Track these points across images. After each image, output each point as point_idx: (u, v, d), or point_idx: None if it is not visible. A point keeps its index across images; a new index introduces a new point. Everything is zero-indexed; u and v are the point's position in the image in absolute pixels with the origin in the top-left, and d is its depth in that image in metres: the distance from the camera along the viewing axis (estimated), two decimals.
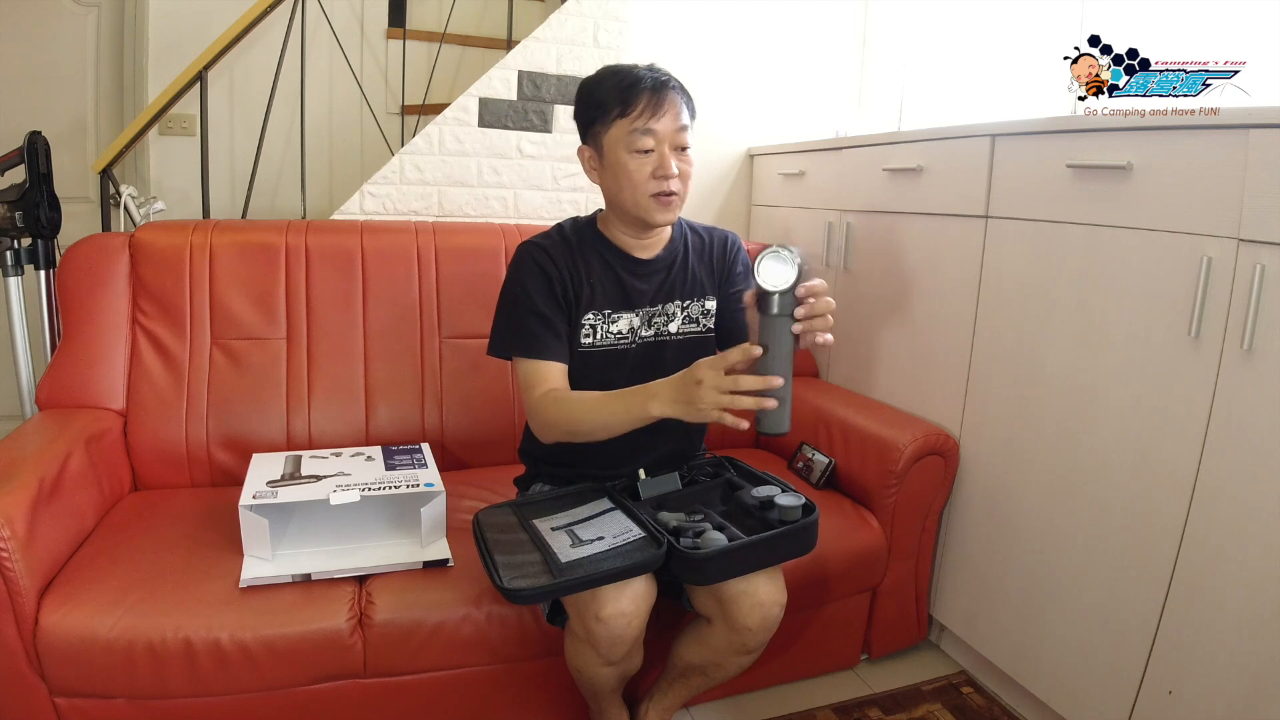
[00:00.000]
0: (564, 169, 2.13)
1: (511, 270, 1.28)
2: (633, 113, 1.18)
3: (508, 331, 1.26)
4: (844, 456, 1.68)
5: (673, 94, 1.20)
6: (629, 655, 1.16)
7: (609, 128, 1.20)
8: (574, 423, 1.16)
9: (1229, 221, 1.09)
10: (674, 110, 1.20)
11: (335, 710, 1.25)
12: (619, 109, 1.19)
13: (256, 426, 1.60)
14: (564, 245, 1.28)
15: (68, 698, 1.15)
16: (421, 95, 2.42)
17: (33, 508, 1.14)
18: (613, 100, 1.19)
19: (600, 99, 1.21)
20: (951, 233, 1.62)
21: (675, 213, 1.24)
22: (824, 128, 2.43)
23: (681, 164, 1.22)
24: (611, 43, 2.11)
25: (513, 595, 1.07)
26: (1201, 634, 1.16)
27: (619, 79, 1.20)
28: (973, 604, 1.62)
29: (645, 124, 1.18)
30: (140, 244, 1.62)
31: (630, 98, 1.18)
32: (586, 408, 1.15)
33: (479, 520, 1.24)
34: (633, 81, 1.19)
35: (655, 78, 1.20)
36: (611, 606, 1.08)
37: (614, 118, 1.19)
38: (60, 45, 2.22)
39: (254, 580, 1.20)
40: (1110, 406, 1.29)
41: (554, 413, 1.18)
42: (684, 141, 1.22)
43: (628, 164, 1.20)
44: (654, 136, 1.19)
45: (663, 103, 1.19)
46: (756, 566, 1.15)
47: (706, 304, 1.35)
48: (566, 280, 1.25)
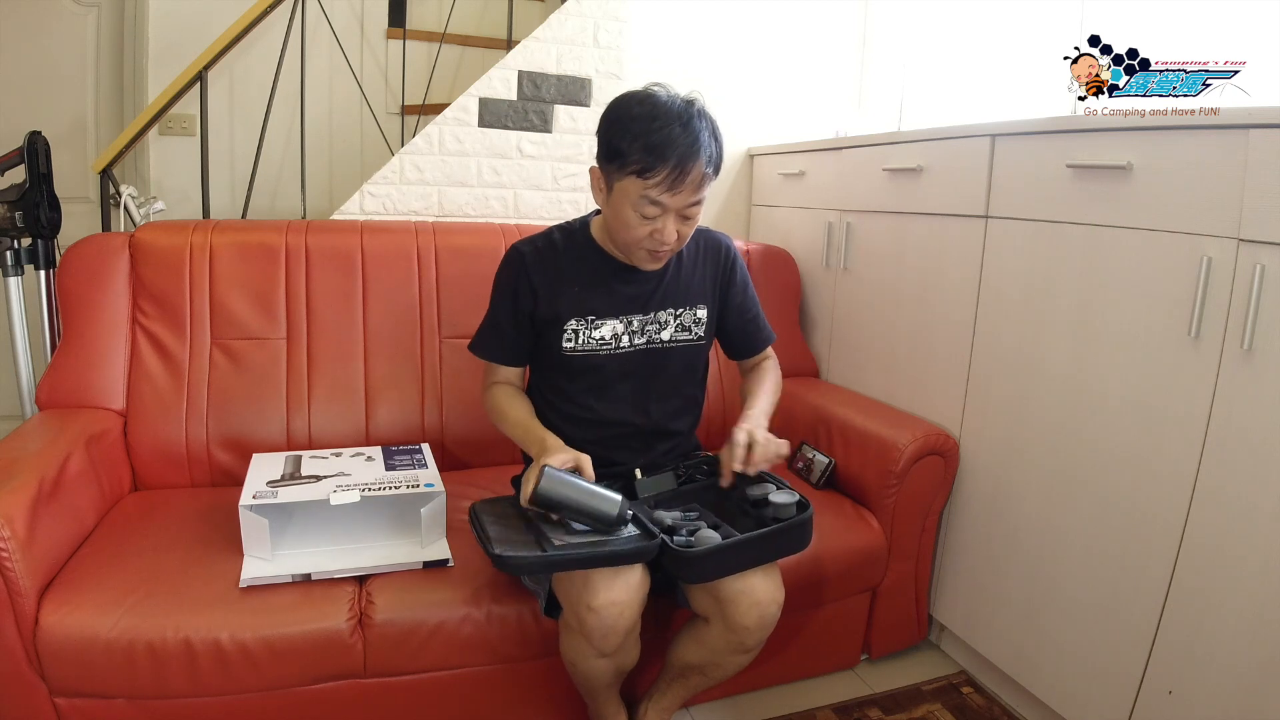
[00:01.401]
0: (564, 169, 2.13)
1: (499, 277, 1.33)
2: (650, 180, 1.13)
3: (480, 329, 1.36)
4: (844, 456, 1.68)
5: (698, 165, 1.13)
6: (622, 647, 1.15)
7: (623, 178, 1.15)
8: (501, 423, 1.32)
9: (1229, 221, 1.09)
10: (694, 185, 1.14)
11: (335, 710, 1.25)
12: (638, 168, 1.13)
13: (256, 426, 1.60)
14: (550, 252, 1.30)
15: (68, 698, 1.15)
16: (421, 95, 2.42)
17: (33, 508, 1.14)
18: (635, 156, 1.12)
19: (623, 149, 1.14)
20: (951, 233, 1.62)
21: (664, 262, 1.27)
22: (824, 128, 2.43)
23: (684, 228, 1.20)
24: (611, 43, 2.11)
25: (502, 562, 1.08)
26: (1201, 634, 1.16)
27: (649, 134, 1.12)
28: (973, 604, 1.62)
29: (657, 195, 1.14)
30: (140, 244, 1.62)
31: (653, 165, 1.12)
32: (509, 420, 1.29)
33: (475, 508, 1.25)
34: (663, 143, 1.11)
35: (688, 143, 1.12)
36: (604, 596, 1.08)
37: (630, 173, 1.14)
38: (60, 45, 2.22)
39: (254, 580, 1.20)
40: (1110, 406, 1.29)
41: (495, 404, 1.33)
42: (694, 214, 1.19)
43: (629, 219, 1.18)
44: (662, 208, 1.16)
45: (683, 179, 1.13)
46: (751, 564, 1.15)
47: (698, 312, 1.35)
48: (538, 290, 1.28)
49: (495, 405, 1.32)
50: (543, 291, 1.28)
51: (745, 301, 1.41)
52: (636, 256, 1.24)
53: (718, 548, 1.11)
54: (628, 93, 1.19)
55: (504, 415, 1.30)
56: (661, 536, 1.12)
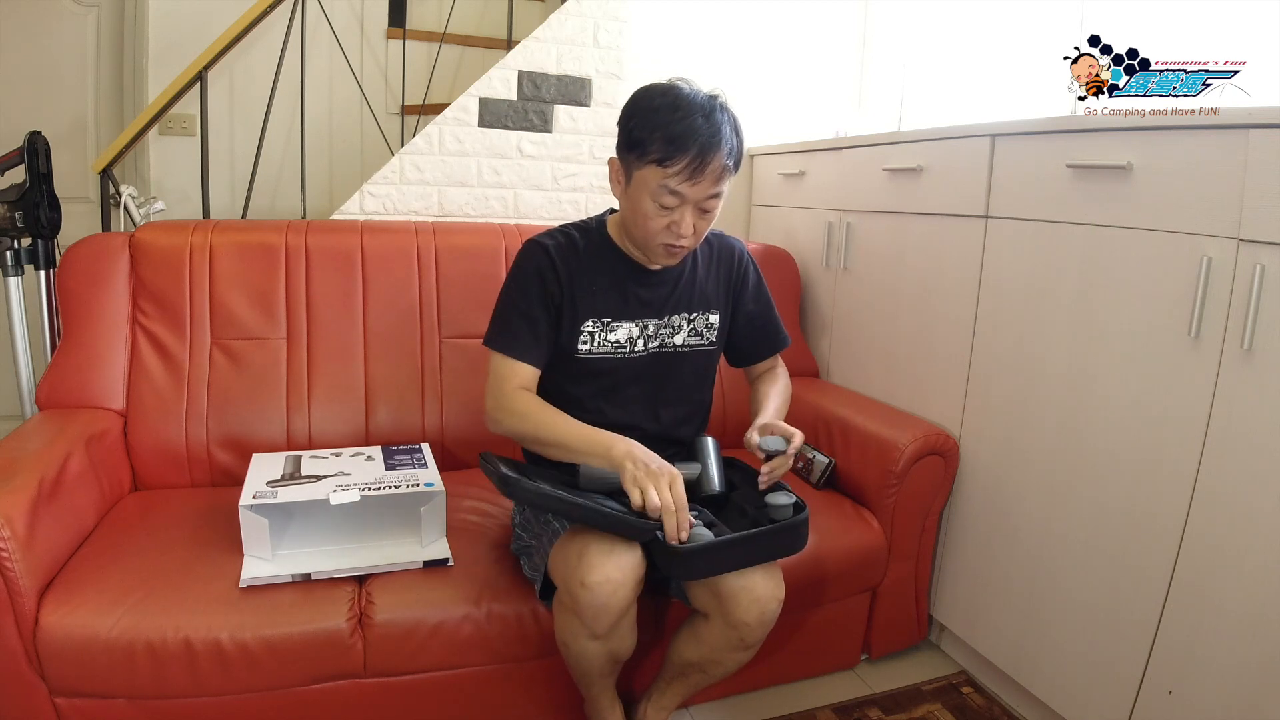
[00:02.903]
0: (564, 169, 2.13)
1: (513, 266, 1.29)
2: (670, 168, 1.12)
3: (496, 324, 1.27)
4: (844, 456, 1.68)
5: (718, 156, 1.13)
6: (615, 629, 1.14)
7: (643, 167, 1.15)
8: (539, 427, 1.18)
9: (1229, 221, 1.09)
10: (714, 176, 1.14)
11: (335, 710, 1.25)
12: (658, 157, 1.13)
13: (256, 426, 1.60)
14: (570, 249, 1.28)
15: (68, 698, 1.15)
16: (421, 95, 2.42)
17: (33, 508, 1.14)
18: (655, 145, 1.12)
19: (644, 138, 1.14)
20: (951, 233, 1.62)
21: (679, 259, 1.25)
22: (824, 128, 2.43)
23: (701, 223, 1.19)
24: (611, 43, 2.11)
25: (507, 482, 1.10)
26: (1201, 634, 1.16)
27: (671, 124, 1.12)
28: (973, 604, 1.62)
29: (677, 185, 1.13)
30: (140, 244, 1.62)
31: (673, 154, 1.12)
32: (557, 428, 1.17)
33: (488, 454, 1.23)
34: (684, 133, 1.11)
35: (709, 134, 1.12)
36: (598, 573, 1.08)
37: (650, 162, 1.14)
38: (60, 45, 2.22)
39: (254, 580, 1.20)
40: (1110, 406, 1.29)
41: (526, 409, 1.20)
42: (712, 206, 1.18)
43: (647, 209, 1.17)
44: (681, 199, 1.15)
45: (704, 170, 1.12)
46: (744, 563, 1.15)
47: (710, 317, 1.35)
48: (564, 285, 1.25)
49: (527, 410, 1.20)
50: (567, 288, 1.26)
51: (758, 307, 1.41)
52: (653, 252, 1.23)
53: (708, 545, 1.11)
54: (651, 84, 1.20)
55: (547, 423, 1.18)
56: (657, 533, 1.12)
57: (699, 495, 1.24)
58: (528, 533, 1.32)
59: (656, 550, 1.11)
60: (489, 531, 1.44)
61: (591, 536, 1.11)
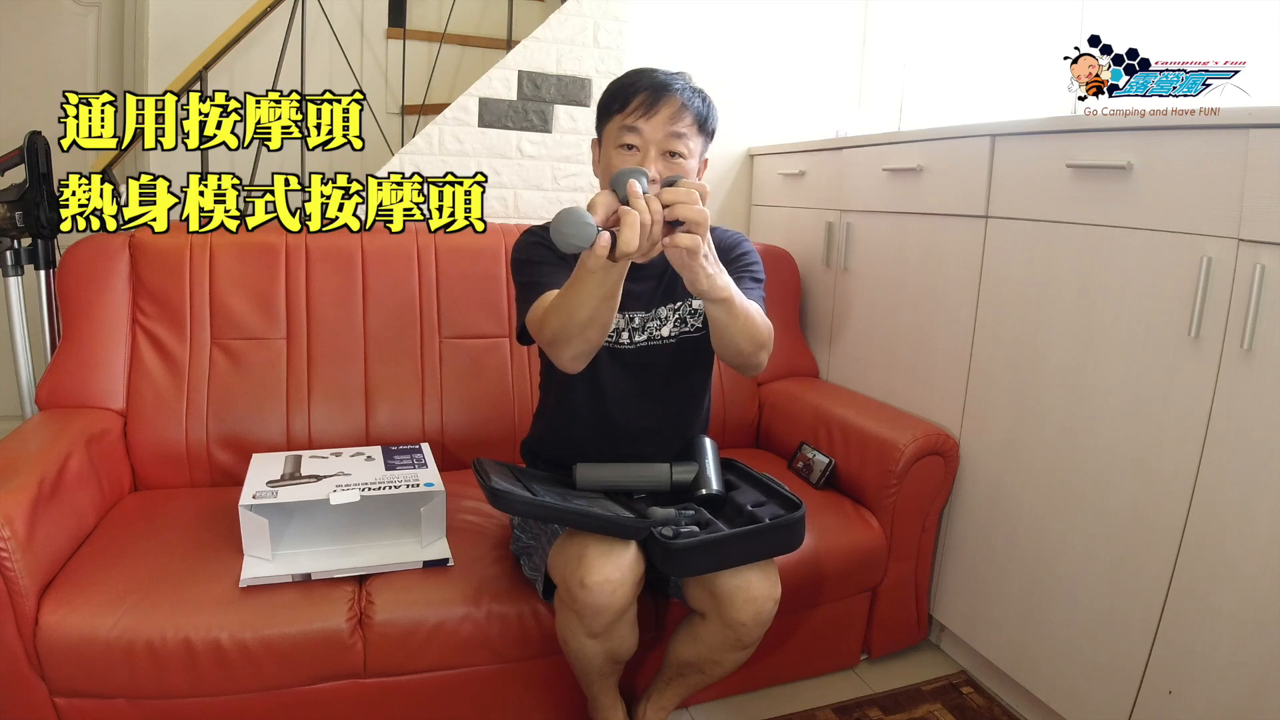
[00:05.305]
0: (564, 169, 2.13)
1: (514, 253, 1.28)
2: (626, 109, 1.18)
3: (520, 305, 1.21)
4: (844, 456, 1.68)
5: (674, 96, 1.17)
6: (614, 630, 1.15)
7: (608, 123, 1.21)
8: (562, 307, 1.06)
9: (1229, 221, 1.09)
10: (669, 112, 1.16)
11: (335, 710, 1.25)
12: (618, 105, 1.19)
13: (256, 426, 1.60)
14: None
15: (68, 698, 1.15)
16: (421, 95, 2.42)
17: (33, 508, 1.14)
18: (615, 97, 1.20)
19: (607, 97, 1.22)
20: (951, 233, 1.62)
21: None
22: (824, 128, 2.43)
23: (668, 169, 1.16)
24: (611, 43, 2.11)
25: (496, 495, 1.11)
26: (1201, 634, 1.16)
27: (629, 78, 1.20)
28: (973, 604, 1.62)
29: (634, 121, 1.17)
30: (140, 244, 1.62)
31: (629, 95, 1.18)
32: (566, 291, 1.05)
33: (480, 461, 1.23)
34: (636, 79, 1.19)
35: (662, 80, 1.18)
36: (597, 574, 1.08)
37: (613, 113, 1.20)
38: (60, 45, 2.22)
39: (254, 580, 1.20)
40: (1110, 406, 1.29)
41: (547, 309, 1.10)
42: (676, 147, 1.17)
43: (612, 159, 1.20)
44: (640, 135, 1.17)
45: (658, 103, 1.16)
46: (737, 561, 1.15)
47: (694, 303, 1.34)
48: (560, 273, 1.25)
49: (551, 308, 1.09)
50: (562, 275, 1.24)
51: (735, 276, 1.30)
52: None
53: (701, 542, 1.11)
54: None
55: (562, 298, 1.06)
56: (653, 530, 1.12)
57: (696, 495, 1.24)
58: (527, 533, 1.32)
59: (653, 548, 1.12)
60: (489, 531, 1.44)
61: (590, 537, 1.12)
